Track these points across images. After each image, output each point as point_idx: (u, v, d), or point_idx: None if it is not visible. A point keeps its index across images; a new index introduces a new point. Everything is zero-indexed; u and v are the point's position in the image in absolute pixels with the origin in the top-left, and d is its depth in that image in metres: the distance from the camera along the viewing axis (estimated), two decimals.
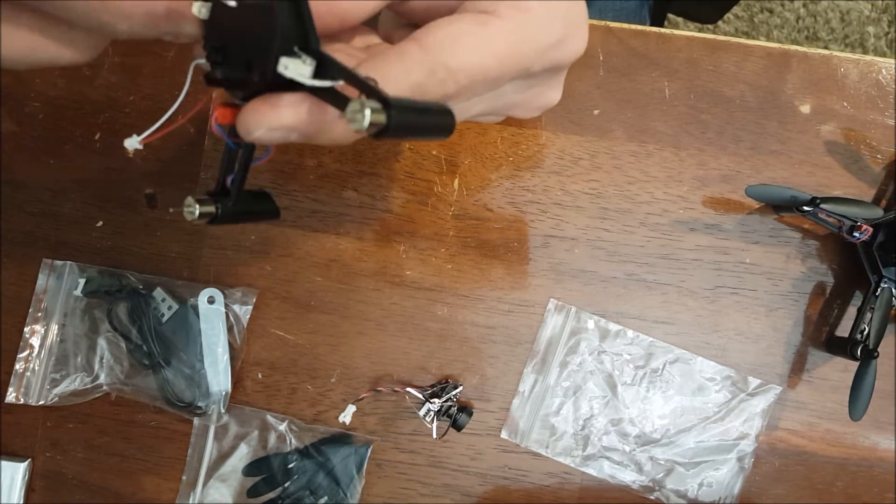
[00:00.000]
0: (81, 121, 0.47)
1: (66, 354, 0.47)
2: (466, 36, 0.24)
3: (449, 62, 0.24)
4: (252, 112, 0.23)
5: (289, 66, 0.22)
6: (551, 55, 0.28)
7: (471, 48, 0.24)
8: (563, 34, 0.27)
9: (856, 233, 0.41)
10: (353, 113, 0.20)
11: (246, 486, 0.47)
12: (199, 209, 0.26)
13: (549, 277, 0.46)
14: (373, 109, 0.20)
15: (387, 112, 0.20)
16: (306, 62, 0.22)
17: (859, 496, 0.46)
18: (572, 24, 0.27)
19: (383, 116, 0.20)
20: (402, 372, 0.47)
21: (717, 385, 0.46)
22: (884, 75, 0.45)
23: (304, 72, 0.22)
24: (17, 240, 0.47)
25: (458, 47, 0.24)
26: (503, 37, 0.25)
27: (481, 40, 0.25)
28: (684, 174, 0.45)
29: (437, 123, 0.23)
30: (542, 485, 0.47)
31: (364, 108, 0.20)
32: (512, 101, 0.31)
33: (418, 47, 0.24)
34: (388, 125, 0.20)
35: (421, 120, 0.22)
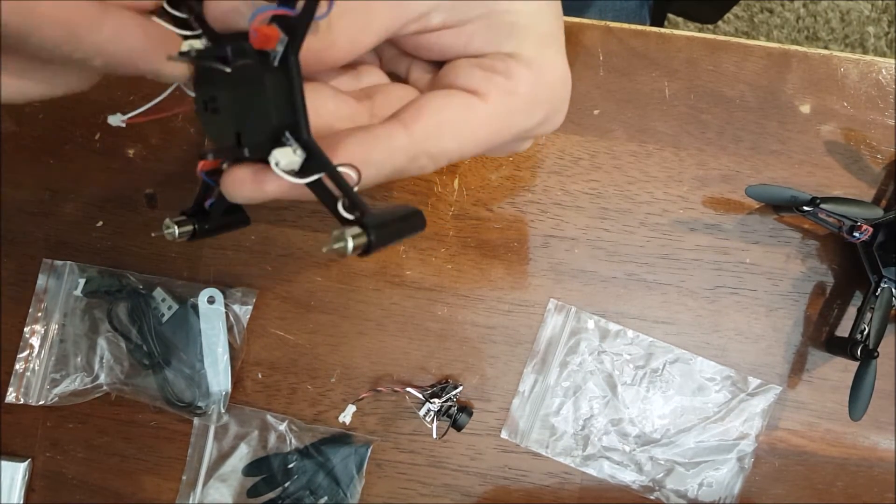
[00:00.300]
0: (81, 121, 0.47)
1: (66, 354, 0.47)
2: (451, 125, 0.25)
3: (431, 150, 0.25)
4: (235, 181, 0.24)
5: (280, 163, 0.22)
6: (529, 134, 0.29)
7: (455, 137, 0.25)
8: (545, 117, 0.28)
9: (856, 233, 0.41)
10: (336, 242, 0.21)
11: (246, 486, 0.47)
12: (179, 230, 0.28)
13: (549, 277, 0.46)
14: (353, 236, 0.21)
15: (367, 235, 0.21)
16: (296, 153, 0.23)
17: (859, 496, 0.46)
18: (555, 106, 0.28)
19: (364, 239, 0.21)
20: (402, 372, 0.47)
21: (717, 385, 0.46)
22: (884, 75, 0.45)
23: (294, 163, 0.23)
24: (17, 240, 0.47)
25: (442, 136, 0.25)
26: (487, 124, 0.26)
27: (466, 129, 0.26)
28: (684, 174, 0.45)
29: (411, 226, 0.24)
30: (542, 485, 0.47)
31: (346, 238, 0.21)
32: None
33: (405, 133, 0.25)
34: (370, 244, 0.21)
35: (397, 229, 0.23)
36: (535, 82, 0.27)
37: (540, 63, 0.27)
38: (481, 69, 0.26)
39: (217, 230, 0.30)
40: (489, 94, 0.26)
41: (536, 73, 0.27)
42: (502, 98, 0.26)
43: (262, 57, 0.22)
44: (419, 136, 0.25)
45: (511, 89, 0.26)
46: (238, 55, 0.22)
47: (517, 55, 0.27)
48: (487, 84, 0.26)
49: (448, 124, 0.25)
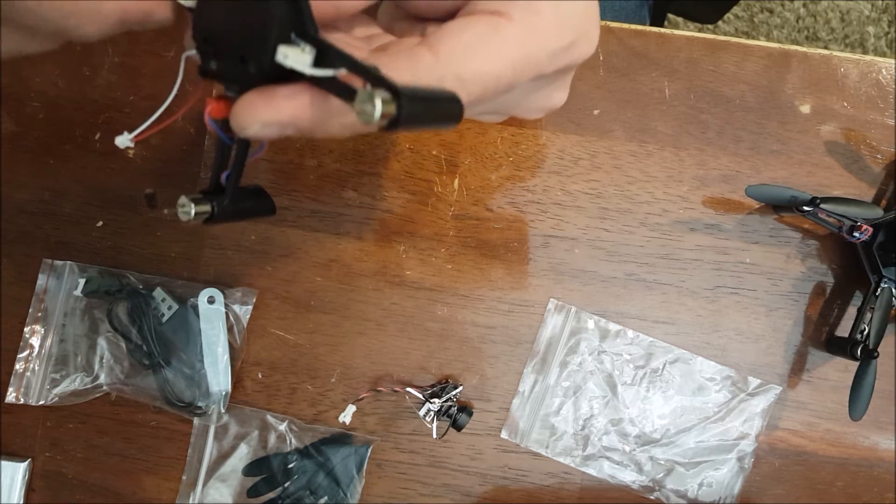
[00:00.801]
0: (81, 121, 0.47)
1: (66, 354, 0.47)
2: (479, 44, 0.24)
3: (461, 72, 0.23)
4: (246, 106, 0.22)
5: (288, 56, 0.21)
6: (562, 58, 0.27)
7: (484, 57, 0.24)
8: (575, 37, 0.27)
9: (856, 233, 0.41)
10: (361, 104, 0.19)
11: (246, 486, 0.47)
12: (195, 209, 0.25)
13: (549, 277, 0.46)
14: (383, 100, 0.19)
15: (397, 102, 0.19)
16: (305, 50, 0.21)
17: (859, 496, 0.46)
18: (584, 26, 0.27)
19: (393, 107, 0.19)
20: (402, 372, 0.47)
21: (717, 385, 0.46)
22: (884, 75, 0.45)
23: (304, 61, 0.21)
24: (17, 240, 0.47)
25: (470, 56, 0.23)
26: (516, 43, 0.24)
27: (494, 48, 0.24)
28: (684, 174, 0.45)
29: (445, 112, 0.21)
30: (542, 485, 0.47)
31: (374, 99, 0.19)
32: (517, 103, 0.30)
33: (431, 54, 0.23)
34: (399, 116, 0.19)
35: (430, 109, 0.21)
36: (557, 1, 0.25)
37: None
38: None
39: (239, 214, 0.27)
40: (512, 13, 0.25)
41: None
42: (526, 17, 0.25)
43: None
44: (445, 56, 0.23)
45: (534, 9, 0.25)
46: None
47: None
48: (509, 6, 0.25)
49: (475, 44, 0.24)
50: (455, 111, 0.22)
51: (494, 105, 0.29)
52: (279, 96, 0.22)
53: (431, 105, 0.21)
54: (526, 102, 0.31)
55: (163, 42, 0.46)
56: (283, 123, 0.22)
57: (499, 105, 0.30)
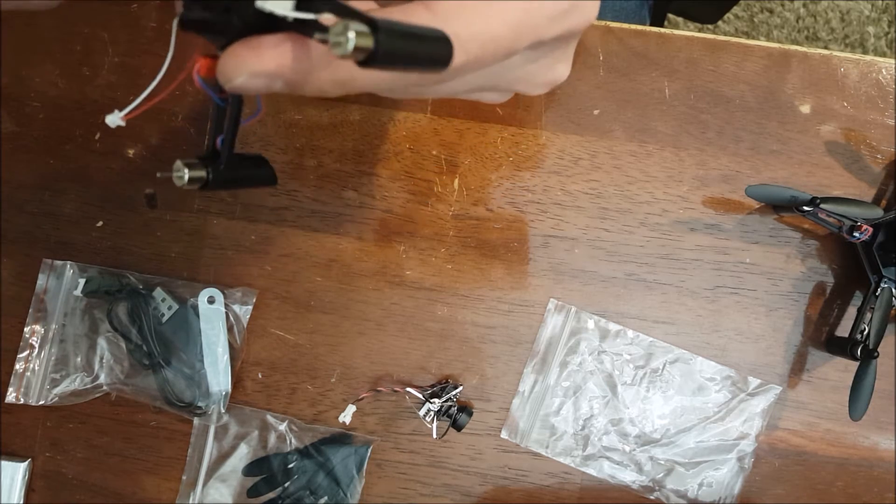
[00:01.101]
0: (81, 121, 0.47)
1: (66, 354, 0.47)
2: (478, 3, 0.23)
3: (458, 31, 0.22)
4: (231, 57, 0.21)
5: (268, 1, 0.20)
6: (562, 23, 0.26)
7: (482, 17, 0.23)
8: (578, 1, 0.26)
9: (856, 233, 0.41)
10: (335, 35, 0.18)
11: (246, 486, 0.47)
12: (189, 173, 0.24)
13: (549, 277, 0.46)
14: (358, 32, 0.18)
15: (374, 36, 0.18)
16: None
17: (859, 496, 0.46)
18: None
19: (370, 40, 0.18)
20: (402, 372, 0.47)
21: (717, 385, 0.46)
22: (884, 75, 0.45)
23: (286, 5, 0.20)
24: (17, 240, 0.47)
25: (468, 15, 0.23)
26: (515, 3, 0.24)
27: (493, 8, 0.23)
28: (684, 174, 0.45)
29: (431, 52, 0.20)
30: (542, 485, 0.47)
31: (347, 31, 0.18)
32: (518, 75, 0.29)
33: (426, 10, 0.22)
34: (377, 50, 0.18)
35: (413, 46, 0.20)
36: None
37: None
38: None
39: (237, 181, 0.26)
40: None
41: None
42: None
43: None
44: (442, 13, 0.22)
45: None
46: None
47: None
48: None
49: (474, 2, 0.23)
50: (442, 52, 0.21)
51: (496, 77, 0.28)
52: (264, 45, 0.21)
53: (414, 42, 0.20)
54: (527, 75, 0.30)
55: (163, 42, 0.46)
56: (269, 73, 0.21)
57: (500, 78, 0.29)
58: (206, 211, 0.47)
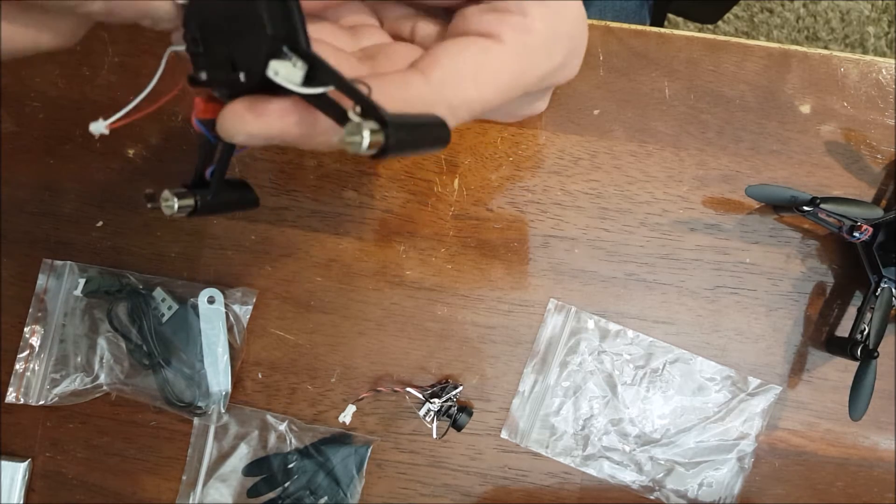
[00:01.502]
0: (81, 121, 0.47)
1: (66, 354, 0.47)
2: (471, 72, 0.24)
3: (451, 99, 0.23)
4: (234, 116, 0.22)
5: (279, 72, 0.21)
6: (550, 80, 0.27)
7: (475, 83, 0.24)
8: (564, 58, 0.26)
9: (856, 233, 0.41)
10: (350, 135, 0.19)
11: (246, 486, 0.47)
12: (178, 203, 0.25)
13: (549, 277, 0.46)
14: (371, 130, 0.19)
15: (385, 132, 0.19)
16: (297, 65, 0.21)
17: (859, 496, 0.46)
18: (573, 45, 0.27)
19: (381, 137, 0.19)
20: (402, 372, 0.47)
21: (717, 385, 0.46)
22: (884, 75, 0.45)
23: (295, 77, 0.21)
24: (17, 240, 0.47)
25: (461, 84, 0.24)
26: (508, 67, 0.24)
27: (485, 73, 0.24)
28: (684, 174, 0.45)
29: (433, 137, 0.22)
30: (542, 485, 0.47)
31: (362, 130, 0.19)
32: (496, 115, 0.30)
33: (423, 80, 0.23)
34: (387, 145, 0.19)
35: (418, 136, 0.21)
36: (551, 17, 0.25)
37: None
38: (493, 11, 0.25)
39: (222, 207, 0.27)
40: (504, 34, 0.24)
41: (552, 9, 0.25)
42: (519, 37, 0.25)
43: None
44: (437, 82, 0.23)
45: (527, 27, 0.25)
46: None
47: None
48: (501, 25, 0.25)
49: (467, 70, 0.24)
50: (443, 136, 0.22)
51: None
52: (269, 111, 0.22)
53: (419, 132, 0.21)
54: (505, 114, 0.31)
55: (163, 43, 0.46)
56: (270, 137, 0.22)
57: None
58: None
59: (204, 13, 0.22)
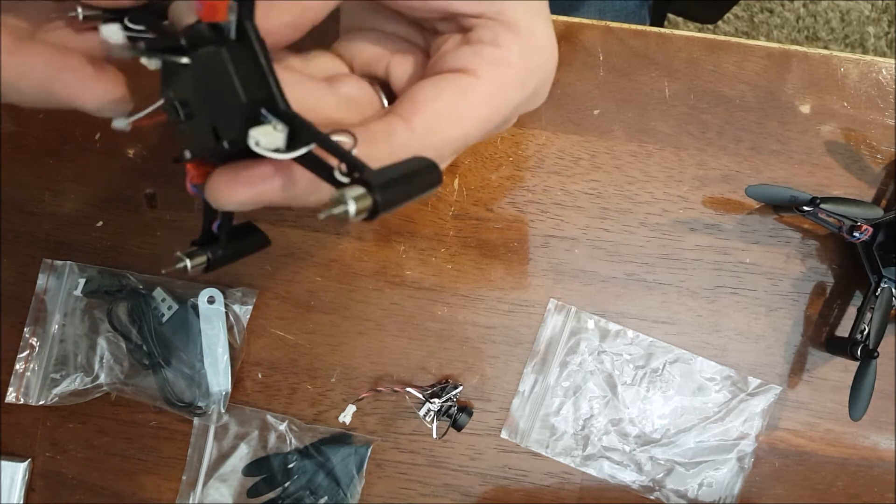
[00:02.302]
0: (81, 121, 0.47)
1: (66, 354, 0.47)
2: (450, 112, 0.24)
3: (435, 143, 0.24)
4: (220, 186, 0.22)
5: (260, 141, 0.20)
6: (523, 108, 0.27)
7: (456, 123, 0.24)
8: (536, 87, 0.27)
9: (856, 233, 0.41)
10: (334, 204, 0.18)
11: (246, 486, 0.47)
12: (191, 263, 0.25)
13: (549, 277, 0.46)
14: (355, 197, 0.18)
15: (372, 195, 0.18)
16: (277, 129, 0.20)
17: (859, 496, 0.46)
18: (544, 75, 0.27)
19: (369, 200, 0.18)
20: (402, 372, 0.47)
21: (717, 385, 0.46)
22: (884, 75, 0.45)
23: (277, 142, 0.20)
24: (17, 240, 0.47)
25: (444, 126, 0.24)
26: (486, 102, 0.25)
27: (465, 113, 0.24)
28: (684, 174, 0.45)
29: (425, 183, 0.21)
30: (542, 485, 0.47)
31: (346, 199, 0.18)
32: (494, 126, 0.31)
33: (406, 127, 0.23)
34: (376, 207, 0.19)
35: (409, 187, 0.20)
36: (525, 49, 0.25)
37: (528, 28, 0.25)
38: (468, 45, 0.25)
39: (234, 256, 0.27)
40: (480, 69, 0.25)
41: (525, 39, 0.25)
42: (495, 70, 0.25)
43: (218, 33, 0.20)
44: (420, 129, 0.24)
45: (502, 59, 0.25)
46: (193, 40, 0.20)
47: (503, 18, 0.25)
48: (477, 59, 0.25)
49: (447, 111, 0.24)
50: (434, 179, 0.21)
51: None
52: (254, 178, 0.21)
53: (408, 182, 0.20)
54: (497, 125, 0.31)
55: None
56: (259, 203, 0.22)
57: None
58: None
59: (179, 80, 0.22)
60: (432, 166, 0.21)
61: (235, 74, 0.20)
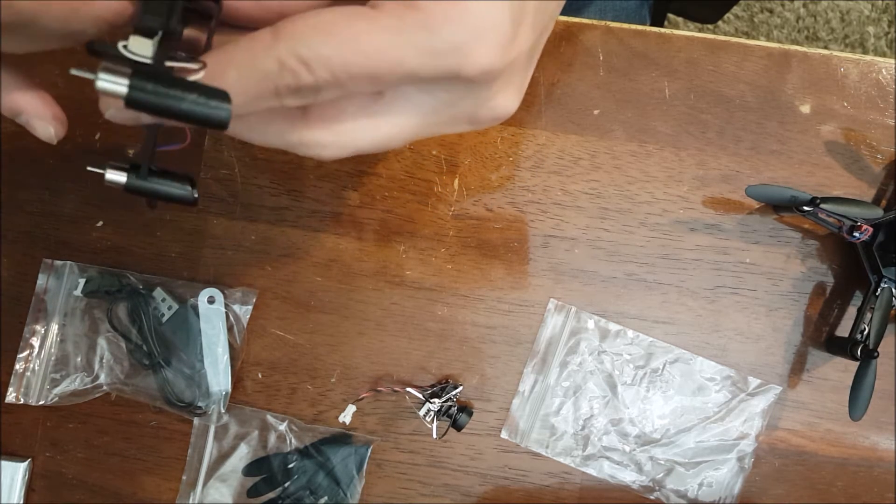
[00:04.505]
0: (81, 121, 0.47)
1: (66, 354, 0.47)
2: (330, 28, 0.22)
3: (302, 52, 0.22)
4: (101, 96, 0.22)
5: (129, 44, 0.21)
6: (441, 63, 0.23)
7: (331, 42, 0.22)
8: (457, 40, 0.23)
9: (856, 233, 0.41)
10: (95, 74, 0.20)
11: (246, 486, 0.47)
12: (108, 175, 0.26)
13: (549, 277, 0.46)
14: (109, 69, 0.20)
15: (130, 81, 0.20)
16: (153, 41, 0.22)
17: (859, 496, 0.46)
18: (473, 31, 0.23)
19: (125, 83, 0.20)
20: (402, 372, 0.47)
21: (717, 385, 0.46)
22: (884, 75, 0.45)
23: (144, 50, 0.21)
24: (17, 240, 0.47)
25: (316, 39, 0.22)
26: (376, 35, 0.22)
27: (347, 36, 0.22)
28: (684, 174, 0.45)
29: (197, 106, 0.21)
30: (542, 485, 0.47)
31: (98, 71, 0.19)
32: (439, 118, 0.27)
33: (272, 35, 0.22)
34: (128, 95, 0.20)
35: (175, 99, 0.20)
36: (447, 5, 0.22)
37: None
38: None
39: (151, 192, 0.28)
40: (384, 5, 0.23)
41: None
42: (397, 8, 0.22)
43: None
44: (286, 37, 0.22)
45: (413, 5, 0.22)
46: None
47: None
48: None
49: (323, 27, 0.22)
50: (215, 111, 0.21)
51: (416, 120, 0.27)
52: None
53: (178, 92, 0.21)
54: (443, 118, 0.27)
55: None
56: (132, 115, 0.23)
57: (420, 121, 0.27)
58: (206, 211, 0.47)
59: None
60: (222, 94, 0.21)
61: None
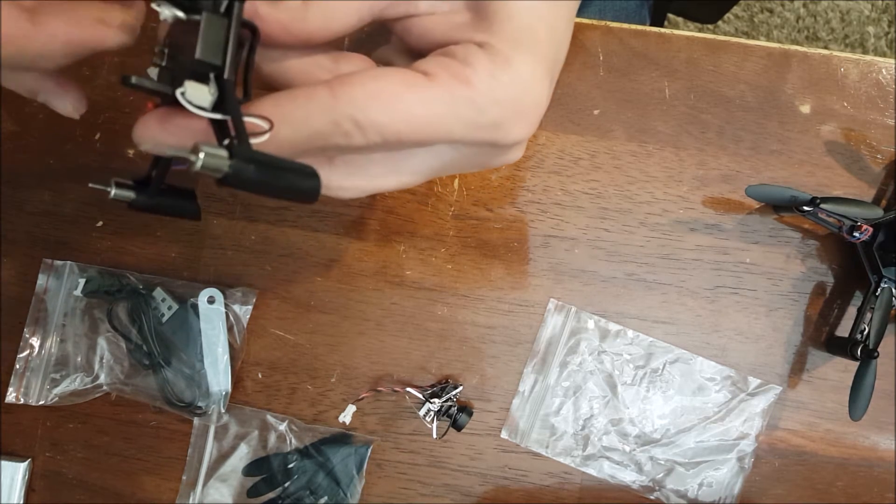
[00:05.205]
0: (81, 121, 0.46)
1: (66, 354, 0.47)
2: (386, 96, 0.23)
3: (357, 116, 0.23)
4: (142, 125, 0.23)
5: (187, 93, 0.22)
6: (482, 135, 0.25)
7: (385, 108, 0.23)
8: (500, 118, 0.25)
9: (856, 233, 0.41)
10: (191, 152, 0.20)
11: (246, 486, 0.47)
12: (115, 191, 0.26)
13: (549, 277, 0.46)
14: (208, 154, 0.20)
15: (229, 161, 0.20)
16: (211, 92, 0.22)
17: (859, 496, 0.46)
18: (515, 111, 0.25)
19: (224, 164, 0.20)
20: (402, 372, 0.47)
21: (717, 385, 0.46)
22: (884, 75, 0.45)
23: (204, 100, 0.22)
24: (17, 240, 0.47)
25: (372, 105, 0.23)
26: (426, 103, 0.24)
27: (400, 103, 0.23)
28: (684, 174, 0.45)
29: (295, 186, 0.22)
30: (542, 485, 0.47)
31: (199, 151, 0.20)
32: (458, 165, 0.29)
33: (329, 94, 0.23)
34: (227, 175, 0.20)
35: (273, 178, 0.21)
36: (492, 75, 0.24)
37: (506, 59, 0.24)
38: (443, 54, 0.25)
39: (156, 209, 0.28)
40: (438, 75, 0.24)
41: (498, 67, 0.24)
42: (451, 82, 0.24)
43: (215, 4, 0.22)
44: (344, 98, 0.23)
45: (464, 77, 0.24)
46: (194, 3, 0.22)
47: (486, 45, 0.25)
48: (440, 67, 0.24)
49: (380, 94, 0.23)
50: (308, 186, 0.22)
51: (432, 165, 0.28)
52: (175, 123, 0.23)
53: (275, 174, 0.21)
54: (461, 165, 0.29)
55: None
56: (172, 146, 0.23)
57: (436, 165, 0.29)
58: (206, 211, 0.47)
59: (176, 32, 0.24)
60: (313, 174, 0.22)
61: (202, 36, 0.22)
